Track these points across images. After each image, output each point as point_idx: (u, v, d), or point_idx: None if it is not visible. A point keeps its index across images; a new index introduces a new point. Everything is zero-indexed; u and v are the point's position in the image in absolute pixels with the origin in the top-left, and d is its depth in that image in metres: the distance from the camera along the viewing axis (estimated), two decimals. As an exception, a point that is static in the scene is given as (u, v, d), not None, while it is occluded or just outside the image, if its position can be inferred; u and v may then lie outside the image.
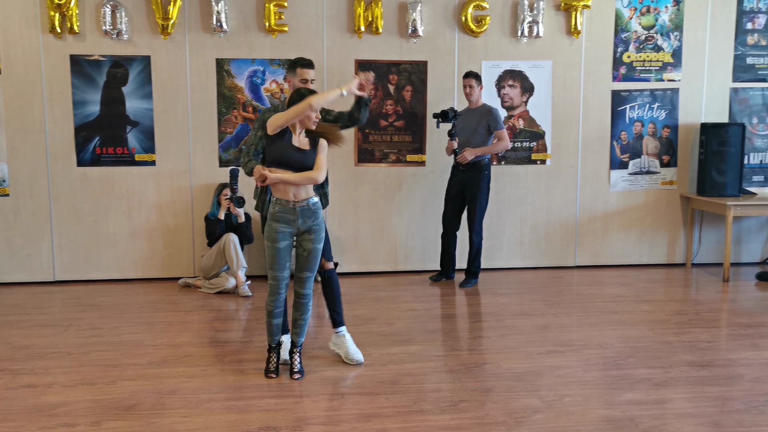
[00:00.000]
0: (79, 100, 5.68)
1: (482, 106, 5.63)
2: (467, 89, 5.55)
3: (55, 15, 5.52)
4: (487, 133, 5.57)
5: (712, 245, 6.53)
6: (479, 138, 5.55)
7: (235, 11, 5.75)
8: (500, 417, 3.24)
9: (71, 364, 3.93)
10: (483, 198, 5.60)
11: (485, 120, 5.54)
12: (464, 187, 5.62)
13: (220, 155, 5.88)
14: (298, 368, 3.73)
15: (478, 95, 5.60)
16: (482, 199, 5.60)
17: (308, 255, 3.68)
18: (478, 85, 5.56)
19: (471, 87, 5.53)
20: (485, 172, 5.58)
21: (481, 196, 5.58)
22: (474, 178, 5.56)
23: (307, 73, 3.84)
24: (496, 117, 5.55)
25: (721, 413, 3.28)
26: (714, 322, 4.78)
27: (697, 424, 3.18)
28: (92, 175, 5.77)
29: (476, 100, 5.60)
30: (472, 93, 5.55)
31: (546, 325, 4.68)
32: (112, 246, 5.85)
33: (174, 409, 3.33)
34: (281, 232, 3.59)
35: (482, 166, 5.57)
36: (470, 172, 5.57)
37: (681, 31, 6.24)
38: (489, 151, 5.57)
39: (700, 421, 3.20)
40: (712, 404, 3.39)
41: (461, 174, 5.61)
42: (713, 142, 6.14)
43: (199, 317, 4.89)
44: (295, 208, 3.58)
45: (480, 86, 5.60)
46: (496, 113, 5.56)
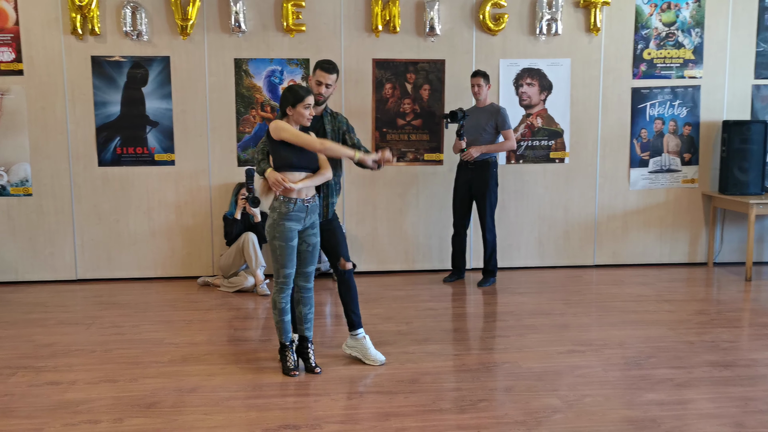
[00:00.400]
0: (100, 101, 5.74)
1: (490, 105, 5.62)
2: (475, 88, 5.54)
3: (77, 17, 5.58)
4: (495, 132, 5.58)
5: (734, 244, 6.45)
6: (487, 137, 5.55)
7: (253, 11, 5.78)
8: (520, 417, 3.23)
9: (94, 362, 3.98)
10: (492, 195, 5.59)
11: (493, 119, 5.54)
12: (472, 186, 5.62)
13: (238, 155, 5.91)
14: (315, 362, 3.81)
15: (486, 94, 5.59)
16: (491, 197, 5.59)
17: (313, 249, 3.78)
18: (486, 83, 5.55)
19: (479, 86, 5.52)
20: (493, 169, 5.58)
21: (490, 194, 5.57)
22: (482, 176, 5.56)
23: (325, 77, 3.80)
24: (504, 116, 5.55)
25: (744, 414, 3.24)
26: (736, 321, 4.72)
27: (720, 424, 3.14)
28: (113, 175, 5.83)
29: (484, 98, 5.59)
30: (480, 92, 5.55)
31: (565, 324, 4.66)
32: (133, 245, 5.91)
33: (195, 406, 3.35)
34: (293, 230, 3.66)
35: (490, 164, 5.57)
36: (478, 170, 5.57)
37: (702, 27, 6.17)
38: (495, 149, 5.57)
39: (722, 422, 3.16)
40: (734, 405, 3.35)
41: (469, 172, 5.61)
42: (735, 140, 6.06)
43: (218, 316, 4.92)
44: (307, 206, 3.68)
45: (488, 85, 5.58)
46: (504, 113, 5.56)
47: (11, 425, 3.17)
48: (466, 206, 5.72)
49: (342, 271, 3.95)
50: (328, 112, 3.94)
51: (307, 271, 3.81)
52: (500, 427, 3.12)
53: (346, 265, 3.95)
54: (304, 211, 3.67)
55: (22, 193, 5.77)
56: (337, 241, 3.96)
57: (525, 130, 6.14)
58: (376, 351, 3.95)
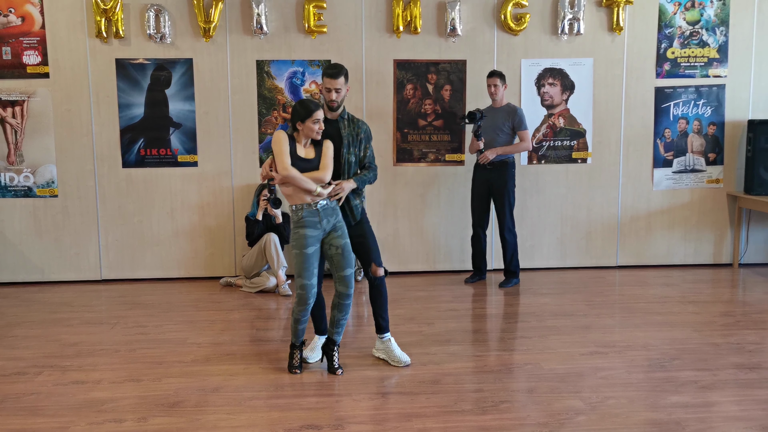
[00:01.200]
0: (124, 103, 5.81)
1: (507, 105, 5.60)
2: (492, 88, 5.52)
3: (101, 20, 5.66)
4: (512, 132, 5.56)
5: (760, 245, 6.36)
6: (504, 137, 5.53)
7: (275, 13, 5.81)
8: (542, 418, 3.21)
9: (118, 361, 4.03)
10: (510, 195, 5.58)
11: (510, 119, 5.52)
12: (490, 186, 5.60)
13: (260, 156, 5.95)
14: (338, 363, 3.81)
15: (502, 94, 5.56)
16: (510, 197, 5.58)
17: (341, 251, 3.73)
18: (502, 84, 5.52)
19: (496, 86, 5.50)
20: (510, 170, 5.57)
21: (508, 194, 5.56)
22: (500, 176, 5.55)
23: (332, 83, 3.73)
24: (521, 117, 5.53)
25: (772, 418, 3.20)
26: (762, 323, 4.65)
27: (745, 427, 3.10)
28: (137, 176, 5.90)
29: (501, 99, 5.57)
30: (496, 92, 5.52)
31: (588, 325, 4.62)
32: (156, 245, 5.98)
33: (218, 406, 3.38)
34: (309, 237, 3.64)
35: (507, 164, 5.56)
36: (496, 171, 5.55)
37: (727, 26, 6.09)
38: (511, 151, 5.54)
39: (748, 425, 3.12)
40: (760, 408, 3.30)
41: (486, 173, 5.59)
42: (761, 139, 5.97)
43: (240, 316, 4.96)
44: (317, 210, 3.64)
45: (504, 85, 5.55)
46: (520, 113, 5.55)
47: (37, 424, 3.22)
48: (484, 206, 5.70)
49: (373, 277, 3.93)
50: (344, 116, 3.86)
51: (344, 275, 3.74)
52: (522, 429, 3.11)
53: (378, 271, 3.92)
54: (315, 215, 3.64)
55: (48, 195, 5.87)
56: (368, 247, 3.91)
57: (547, 130, 6.10)
58: (401, 352, 3.95)
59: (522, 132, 5.54)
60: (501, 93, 5.55)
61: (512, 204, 5.62)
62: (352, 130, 3.86)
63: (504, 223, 5.60)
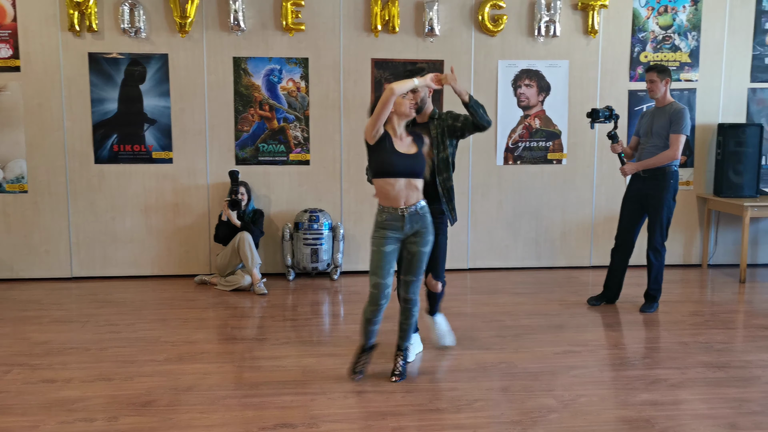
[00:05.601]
0: (97, 98, 5.73)
1: (671, 104, 4.81)
2: (648, 84, 4.85)
3: (74, 13, 5.57)
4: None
5: (728, 246, 6.48)
6: (661, 142, 4.78)
7: (252, 10, 5.77)
8: (516, 416, 3.24)
9: (89, 360, 3.97)
10: (663, 210, 4.79)
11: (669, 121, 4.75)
12: (645, 197, 4.87)
13: (236, 153, 5.91)
14: (400, 371, 3.65)
15: (663, 91, 4.79)
16: (663, 212, 4.80)
17: (413, 258, 3.53)
18: (661, 79, 4.76)
19: (652, 82, 4.80)
20: (670, 180, 4.77)
21: (662, 208, 4.79)
22: (654, 187, 4.80)
23: None
24: (679, 117, 4.71)
25: (738, 415, 3.26)
26: (730, 323, 4.75)
27: (714, 425, 3.16)
28: (109, 173, 5.82)
29: (663, 97, 4.81)
30: (654, 89, 4.79)
31: (561, 324, 4.67)
32: (129, 243, 5.90)
33: (191, 405, 3.35)
34: (389, 237, 3.46)
35: (666, 173, 4.78)
36: (652, 180, 4.82)
37: (699, 30, 6.20)
38: (654, 163, 4.76)
39: (716, 423, 3.18)
40: (728, 406, 3.37)
41: (641, 181, 4.88)
42: (730, 143, 6.09)
43: (215, 314, 4.92)
44: (403, 216, 3.44)
45: (665, 80, 4.78)
46: (679, 114, 4.72)
47: (7, 423, 3.16)
48: (635, 219, 4.96)
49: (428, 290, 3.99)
50: (434, 116, 3.78)
51: (408, 280, 3.59)
52: (496, 427, 3.13)
53: (434, 286, 3.90)
54: (399, 220, 3.44)
55: (18, 190, 5.76)
56: (433, 256, 3.76)
57: (523, 131, 6.15)
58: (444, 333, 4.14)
59: (673, 136, 4.71)
60: (661, 90, 4.79)
61: (665, 220, 4.83)
62: (437, 126, 3.76)
63: (651, 241, 4.88)
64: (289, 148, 5.95)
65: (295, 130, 5.94)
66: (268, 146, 5.93)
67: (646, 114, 5.03)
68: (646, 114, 5.01)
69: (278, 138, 5.93)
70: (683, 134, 4.72)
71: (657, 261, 4.92)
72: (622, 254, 5.06)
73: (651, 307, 5.00)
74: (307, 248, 5.76)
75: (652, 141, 4.84)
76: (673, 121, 4.73)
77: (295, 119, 5.93)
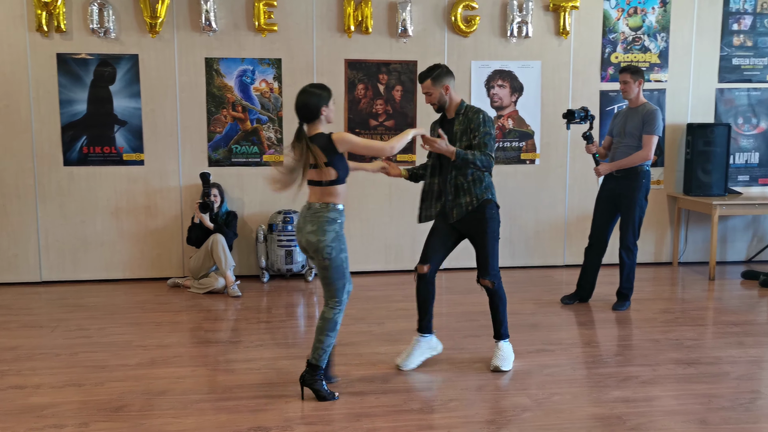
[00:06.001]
0: (65, 99, 5.64)
1: (644, 105, 4.88)
2: (621, 86, 4.90)
3: (42, 13, 5.48)
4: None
5: (698, 244, 6.59)
6: (635, 143, 4.85)
7: (224, 10, 5.73)
8: (489, 416, 3.26)
9: (59, 365, 3.91)
10: (636, 210, 4.85)
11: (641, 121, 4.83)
12: (618, 197, 4.92)
13: (209, 155, 5.86)
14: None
15: (636, 92, 4.86)
16: (635, 212, 4.86)
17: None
18: (635, 80, 4.83)
19: (626, 83, 4.86)
20: (642, 180, 4.84)
21: (633, 208, 4.85)
22: (627, 187, 4.86)
23: (422, 87, 3.74)
24: (651, 118, 4.79)
25: (708, 410, 3.32)
26: (700, 320, 4.83)
27: (684, 421, 3.21)
28: (79, 175, 5.73)
29: (636, 98, 4.88)
30: (627, 90, 4.86)
31: (535, 323, 4.71)
32: (100, 246, 5.82)
33: (163, 410, 3.31)
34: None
35: (638, 173, 4.84)
36: (624, 180, 4.88)
37: (668, 32, 6.29)
38: (627, 164, 4.82)
39: (686, 419, 3.23)
40: (698, 401, 3.42)
41: (614, 181, 4.93)
42: (699, 143, 6.19)
43: (188, 317, 4.87)
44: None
45: (638, 81, 4.84)
46: (652, 114, 4.79)
47: (-27, 431, 3.10)
48: (606, 217, 5.02)
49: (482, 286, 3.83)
50: (460, 112, 3.72)
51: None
52: (470, 427, 3.15)
53: (485, 282, 3.79)
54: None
55: (-15, 193, 5.65)
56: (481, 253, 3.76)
57: (496, 131, 6.18)
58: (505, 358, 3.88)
59: (646, 136, 4.78)
60: (634, 91, 4.85)
61: (637, 220, 4.89)
62: (461, 123, 3.69)
63: (623, 240, 4.93)
64: (263, 149, 5.92)
65: (269, 131, 5.91)
66: (241, 147, 5.89)
67: (619, 114, 5.09)
68: (619, 114, 5.08)
69: (251, 139, 5.89)
70: (656, 135, 4.80)
71: (629, 260, 4.99)
72: (596, 253, 5.11)
73: (623, 305, 5.06)
74: (281, 250, 5.73)
75: (625, 141, 4.91)
76: (646, 121, 4.80)
77: (268, 120, 5.90)
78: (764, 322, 4.78)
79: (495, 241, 3.78)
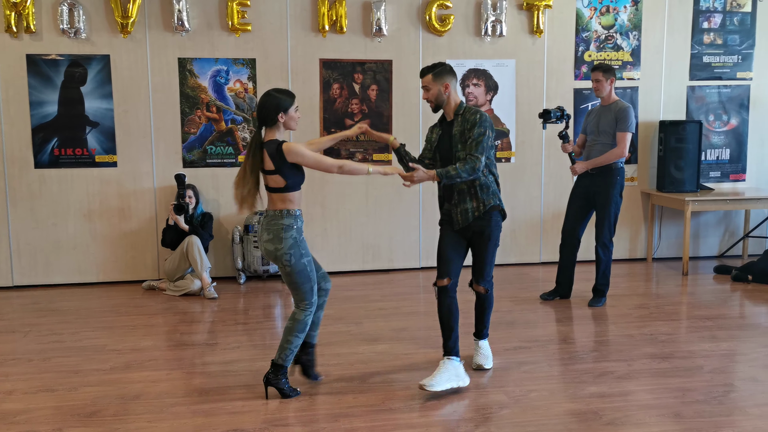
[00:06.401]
0: (36, 101, 5.55)
1: (616, 103, 4.94)
2: (594, 84, 4.95)
3: (11, 14, 5.38)
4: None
5: (671, 240, 6.68)
6: (609, 140, 4.91)
7: (196, 10, 5.68)
8: (468, 414, 3.27)
9: (31, 371, 3.84)
10: (611, 206, 4.91)
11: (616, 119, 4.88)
12: (593, 194, 4.97)
13: (184, 156, 5.80)
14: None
15: (608, 90, 4.90)
16: (611, 208, 4.91)
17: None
18: (606, 78, 4.88)
19: (598, 81, 4.90)
20: (617, 177, 4.91)
21: (609, 204, 4.90)
22: (602, 184, 4.91)
23: (422, 81, 3.65)
24: (625, 116, 4.85)
25: (682, 404, 3.36)
26: (674, 315, 4.89)
27: (659, 415, 3.25)
28: (50, 177, 5.64)
29: (608, 96, 4.93)
30: (599, 88, 4.90)
31: (512, 321, 4.73)
32: (73, 249, 5.73)
33: (138, 414, 3.27)
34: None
35: (613, 169, 4.91)
36: (599, 177, 4.92)
37: (639, 30, 6.36)
38: (603, 161, 4.87)
39: (661, 412, 3.27)
40: (672, 395, 3.46)
41: (588, 178, 4.98)
42: (671, 140, 6.27)
43: (164, 320, 4.82)
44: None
45: (610, 79, 4.90)
46: (626, 112, 4.86)
47: (-58, 439, 3.03)
48: (580, 215, 5.07)
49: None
50: (459, 113, 3.60)
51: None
52: (448, 425, 3.15)
53: (479, 288, 3.76)
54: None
55: (-46, 197, 5.54)
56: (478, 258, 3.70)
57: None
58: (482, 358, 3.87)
59: (619, 134, 4.84)
60: (606, 89, 4.90)
61: (613, 216, 4.94)
62: (460, 125, 3.57)
63: (599, 236, 4.98)
64: (238, 149, 5.87)
65: (244, 132, 5.87)
66: (216, 148, 5.84)
67: (592, 112, 5.14)
68: (593, 112, 5.12)
69: (226, 140, 5.85)
70: (629, 132, 4.86)
71: (605, 256, 5.04)
72: (570, 250, 5.16)
73: (599, 302, 5.11)
74: (257, 251, 5.70)
75: (599, 139, 4.96)
76: (619, 119, 4.87)
77: (243, 121, 5.85)
78: (736, 316, 4.86)
79: (495, 248, 3.71)
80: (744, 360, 3.99)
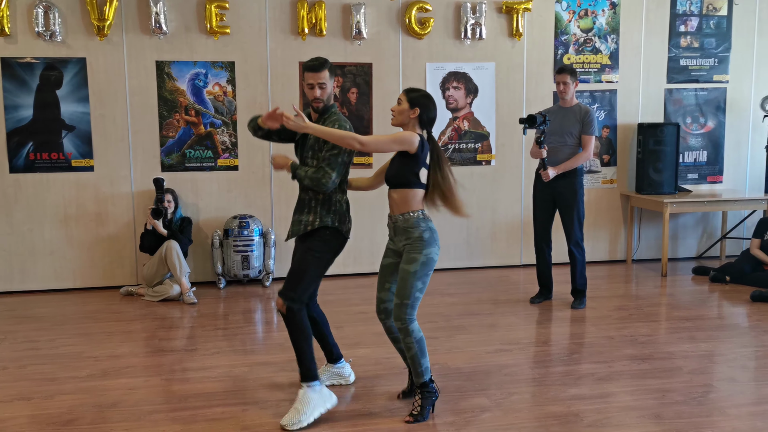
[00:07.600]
0: (10, 104, 5.46)
1: (577, 105, 5.04)
2: (561, 86, 4.97)
3: (-16, 15, 5.30)
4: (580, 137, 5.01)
5: (650, 241, 6.73)
6: (573, 142, 5.00)
7: (174, 12, 5.62)
8: (449, 417, 3.26)
9: (6, 379, 3.77)
10: (579, 206, 5.03)
11: (580, 122, 4.97)
12: (558, 195, 5.05)
13: (162, 160, 5.74)
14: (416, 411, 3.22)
15: (572, 93, 5.00)
16: (579, 208, 5.02)
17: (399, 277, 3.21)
18: (573, 81, 4.95)
19: (565, 84, 4.95)
20: (579, 177, 5.05)
21: (577, 204, 5.01)
22: (568, 185, 5.00)
23: (312, 77, 3.27)
24: (591, 119, 4.95)
25: (662, 405, 3.38)
26: (653, 316, 4.92)
27: (639, 416, 3.26)
28: (26, 182, 5.55)
29: (571, 98, 5.02)
30: (566, 90, 4.96)
31: (493, 324, 4.73)
32: (49, 255, 5.64)
33: (115, 422, 3.22)
34: (386, 249, 3.36)
35: (575, 172, 5.02)
36: (563, 179, 5.00)
37: (618, 33, 6.42)
38: (572, 165, 4.96)
39: (641, 414, 3.28)
40: (652, 397, 3.48)
41: (552, 181, 5.02)
42: (650, 142, 6.33)
43: (142, 326, 4.76)
44: (391, 223, 3.31)
45: (575, 83, 4.98)
46: (591, 115, 4.97)
47: None
48: (548, 217, 5.16)
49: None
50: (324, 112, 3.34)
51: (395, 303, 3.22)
52: (430, 429, 3.14)
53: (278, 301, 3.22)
54: (391, 228, 3.31)
55: (-74, 203, 5.43)
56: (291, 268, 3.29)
57: (452, 133, 6.22)
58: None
59: (586, 137, 4.95)
60: (572, 91, 4.99)
61: (582, 216, 5.06)
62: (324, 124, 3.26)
63: (571, 236, 5.06)
64: (217, 153, 5.83)
65: (223, 135, 5.82)
66: (195, 152, 5.79)
67: (550, 113, 5.11)
68: (551, 113, 5.11)
69: (205, 143, 5.80)
70: (594, 135, 5.01)
71: (581, 255, 5.11)
72: (545, 252, 5.23)
73: (581, 303, 5.14)
74: (237, 255, 5.65)
75: (565, 141, 5.02)
76: (585, 122, 4.96)
77: (222, 124, 5.81)
78: (715, 317, 4.91)
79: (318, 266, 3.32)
80: (722, 360, 4.02)
